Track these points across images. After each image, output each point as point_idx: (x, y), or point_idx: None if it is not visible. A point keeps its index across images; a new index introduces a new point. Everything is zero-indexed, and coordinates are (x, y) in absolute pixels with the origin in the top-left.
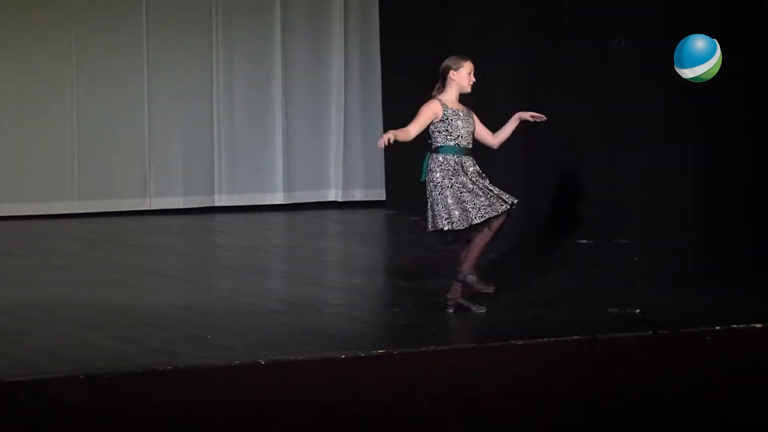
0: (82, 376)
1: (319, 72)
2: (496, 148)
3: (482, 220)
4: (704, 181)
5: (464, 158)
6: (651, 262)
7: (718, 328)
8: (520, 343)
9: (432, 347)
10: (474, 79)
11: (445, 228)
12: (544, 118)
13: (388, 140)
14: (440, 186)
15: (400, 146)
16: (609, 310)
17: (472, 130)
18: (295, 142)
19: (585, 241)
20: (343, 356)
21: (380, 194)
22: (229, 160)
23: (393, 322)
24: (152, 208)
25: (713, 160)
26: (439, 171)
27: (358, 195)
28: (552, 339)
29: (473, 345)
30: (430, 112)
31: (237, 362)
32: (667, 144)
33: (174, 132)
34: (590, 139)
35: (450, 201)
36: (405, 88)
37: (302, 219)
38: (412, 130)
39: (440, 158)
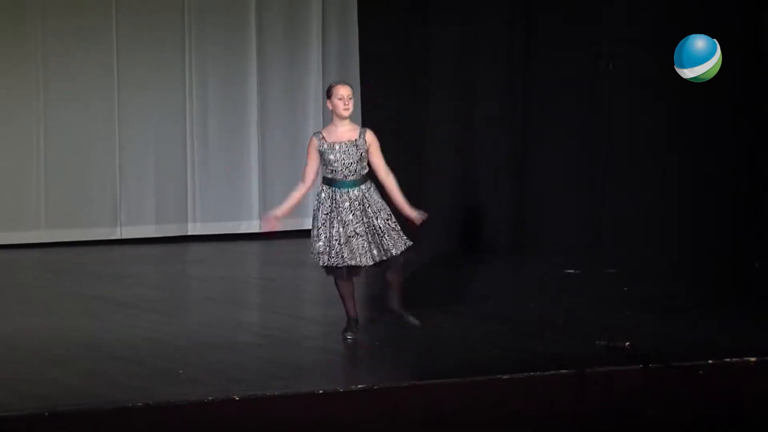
0: (47, 414)
1: (296, 96)
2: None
3: (330, 264)
4: (690, 206)
5: (339, 192)
6: (639, 292)
7: (711, 361)
8: (506, 377)
9: (413, 382)
10: (347, 105)
11: (311, 253)
12: (423, 218)
13: (276, 219)
14: (312, 215)
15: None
16: (597, 342)
17: (353, 161)
18: (270, 169)
19: (572, 271)
20: (320, 392)
21: None
22: (203, 187)
23: (372, 356)
24: (123, 237)
25: (698, 183)
26: (316, 200)
27: None
28: (539, 373)
29: (457, 379)
30: (313, 150)
31: (210, 398)
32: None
33: (146, 157)
34: (576, 161)
35: (313, 233)
36: (385, 104)
37: (278, 248)
38: (309, 176)
39: (320, 188)
